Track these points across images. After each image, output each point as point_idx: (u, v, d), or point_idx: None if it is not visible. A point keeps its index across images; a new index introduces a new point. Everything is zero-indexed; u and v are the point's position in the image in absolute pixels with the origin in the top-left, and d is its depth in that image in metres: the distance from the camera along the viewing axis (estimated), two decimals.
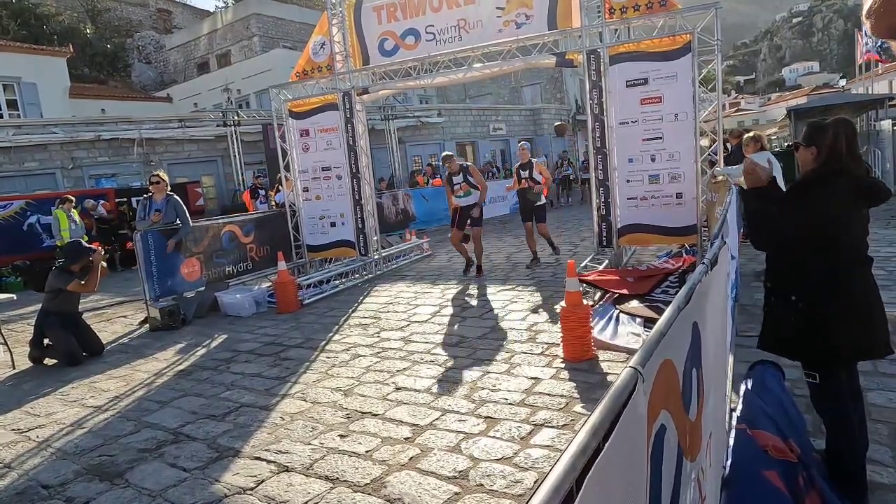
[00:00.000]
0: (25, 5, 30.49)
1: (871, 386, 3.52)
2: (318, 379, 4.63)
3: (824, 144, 2.43)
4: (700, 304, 1.48)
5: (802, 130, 2.62)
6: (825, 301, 2.39)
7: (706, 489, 1.57)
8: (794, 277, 2.48)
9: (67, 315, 5.87)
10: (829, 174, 2.41)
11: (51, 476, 3.34)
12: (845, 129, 2.46)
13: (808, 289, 2.43)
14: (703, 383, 1.54)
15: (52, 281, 5.82)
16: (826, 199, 2.38)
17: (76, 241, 6.44)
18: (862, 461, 2.49)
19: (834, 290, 2.39)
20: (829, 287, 2.39)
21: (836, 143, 2.41)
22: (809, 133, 2.53)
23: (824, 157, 2.43)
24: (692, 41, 6.21)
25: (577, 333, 4.46)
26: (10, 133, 13.86)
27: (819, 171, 2.45)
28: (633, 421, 0.84)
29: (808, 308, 2.42)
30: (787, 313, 2.48)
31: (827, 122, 2.51)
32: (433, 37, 7.85)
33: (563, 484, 0.62)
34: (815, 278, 2.41)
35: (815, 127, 2.54)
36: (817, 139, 2.46)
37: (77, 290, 5.87)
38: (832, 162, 2.41)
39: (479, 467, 2.99)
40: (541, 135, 26.02)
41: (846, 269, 2.40)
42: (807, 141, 2.51)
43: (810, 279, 2.43)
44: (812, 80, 72.73)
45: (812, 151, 2.48)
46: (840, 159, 2.40)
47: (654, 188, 6.70)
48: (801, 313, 2.43)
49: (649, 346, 1.00)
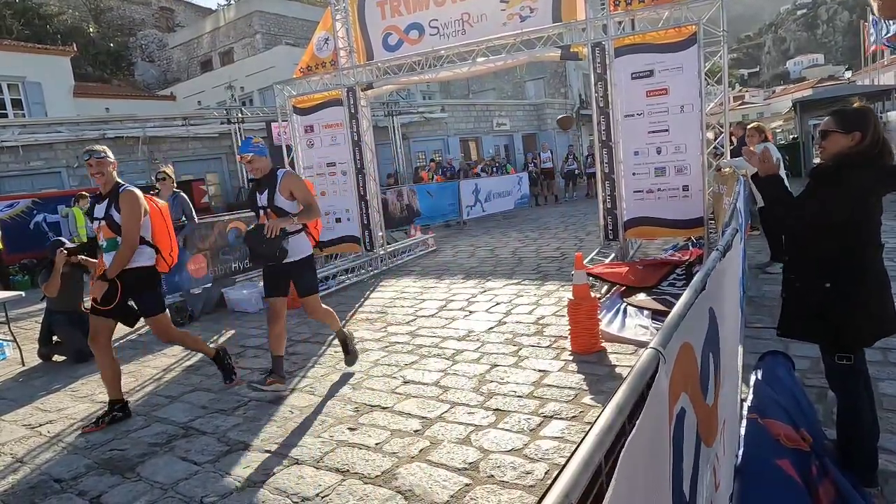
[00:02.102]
0: (29, 5, 30.55)
1: (882, 376, 3.51)
2: (326, 373, 4.64)
3: (869, 130, 2.43)
4: (715, 290, 1.47)
5: (826, 119, 2.58)
6: (853, 282, 2.40)
7: (721, 475, 1.57)
8: (820, 261, 2.48)
9: (72, 312, 5.88)
10: (869, 159, 2.41)
11: (63, 470, 3.36)
12: (875, 116, 2.52)
13: (835, 272, 2.43)
14: (720, 369, 1.54)
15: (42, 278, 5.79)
16: (864, 184, 2.38)
17: (56, 239, 6.24)
18: (874, 445, 2.50)
19: (860, 272, 2.41)
20: (856, 269, 2.41)
21: (878, 127, 2.43)
22: (849, 119, 2.50)
23: (869, 142, 2.42)
24: (698, 32, 6.18)
25: (584, 326, 4.45)
26: (15, 132, 13.91)
27: (860, 155, 2.43)
28: (657, 401, 0.83)
29: (836, 290, 2.42)
30: (814, 297, 2.48)
31: (862, 107, 2.54)
32: (437, 31, 7.83)
33: (593, 459, 0.61)
34: (843, 262, 2.43)
35: (854, 113, 2.53)
36: (861, 125, 2.44)
37: (45, 292, 5.62)
38: (874, 146, 2.41)
39: (489, 459, 2.99)
40: (544, 129, 25.96)
41: (870, 251, 2.44)
42: (847, 127, 2.47)
43: (838, 263, 2.43)
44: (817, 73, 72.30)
45: (854, 137, 2.44)
46: (881, 144, 2.42)
47: (660, 181, 6.68)
48: (829, 296, 2.43)
49: (669, 328, 1.00)
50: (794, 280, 2.59)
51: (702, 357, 1.25)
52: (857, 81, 30.55)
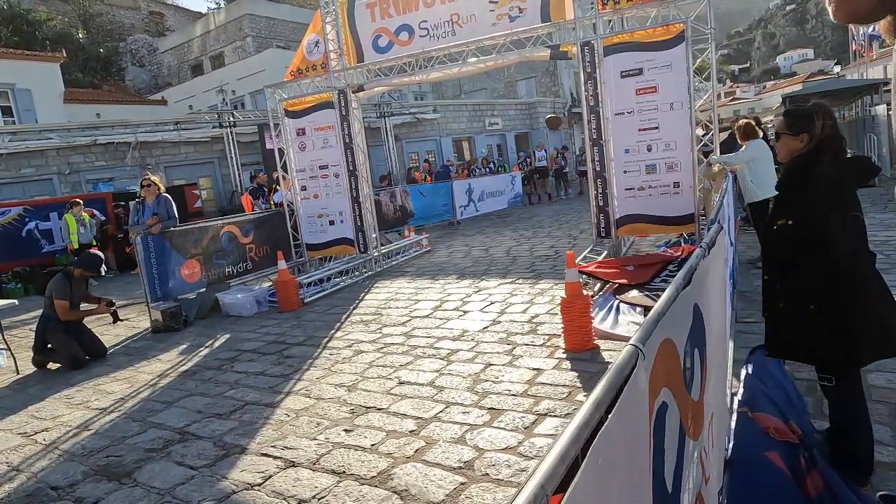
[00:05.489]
0: (17, 11, 30.41)
1: (870, 368, 3.53)
2: (321, 375, 4.66)
3: (815, 130, 2.39)
4: (699, 286, 1.50)
5: (778, 121, 2.55)
6: (838, 298, 2.29)
7: (709, 468, 1.60)
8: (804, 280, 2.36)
9: (68, 320, 5.88)
10: (820, 156, 2.39)
11: (59, 477, 3.37)
12: (825, 111, 2.44)
13: (820, 292, 2.32)
14: (706, 364, 1.57)
15: (52, 285, 5.83)
16: (829, 175, 2.32)
17: (96, 255, 6.28)
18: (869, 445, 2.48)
19: (844, 286, 2.28)
20: (837, 283, 2.29)
21: (826, 125, 2.39)
22: (795, 121, 2.46)
23: (816, 143, 2.40)
24: (686, 30, 6.22)
25: (577, 324, 4.48)
26: (6, 139, 13.84)
27: (811, 154, 2.41)
28: (635, 396, 0.86)
29: (822, 312, 2.30)
30: (804, 318, 2.36)
31: (811, 106, 2.47)
32: (427, 32, 7.86)
33: (569, 453, 0.64)
34: (828, 281, 2.30)
35: (800, 114, 2.48)
36: (807, 126, 2.41)
37: (59, 309, 5.71)
38: (826, 143, 2.38)
39: (484, 457, 3.02)
40: (537, 128, 26.04)
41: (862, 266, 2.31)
42: (794, 129, 2.44)
43: (823, 282, 2.31)
44: (807, 68, 72.66)
45: (802, 139, 2.42)
46: (830, 140, 2.38)
47: (651, 178, 6.72)
48: (814, 318, 2.32)
49: (649, 325, 1.03)
50: (775, 300, 2.48)
51: (685, 352, 1.28)
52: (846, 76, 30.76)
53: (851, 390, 2.46)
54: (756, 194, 6.22)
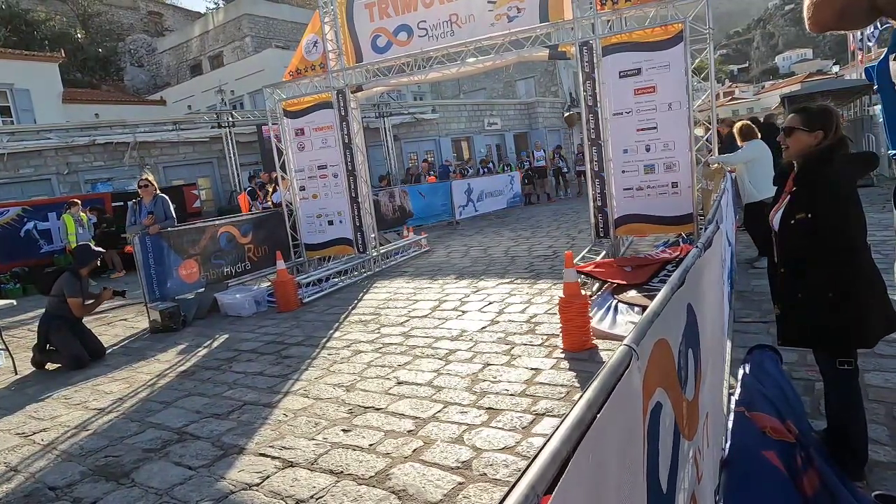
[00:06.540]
0: (16, 11, 30.37)
1: (868, 367, 3.56)
2: (319, 375, 4.66)
3: (832, 128, 2.49)
4: (694, 286, 1.50)
5: (791, 117, 2.63)
6: (854, 285, 2.42)
7: (703, 468, 1.60)
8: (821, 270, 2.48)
9: (73, 319, 5.89)
10: (831, 154, 2.47)
11: (57, 478, 3.37)
12: (837, 112, 2.59)
13: (837, 279, 2.44)
14: (700, 364, 1.57)
15: (62, 284, 5.84)
16: (840, 172, 2.44)
17: (86, 245, 6.41)
18: (865, 437, 2.57)
19: (859, 274, 2.43)
20: (854, 271, 2.43)
21: (839, 126, 2.49)
22: (813, 118, 2.55)
23: (831, 140, 2.48)
24: (684, 30, 6.23)
25: (576, 324, 4.48)
26: (4, 140, 13.83)
27: (823, 152, 2.49)
28: (628, 396, 0.86)
29: (841, 298, 2.43)
30: (818, 307, 2.48)
31: (826, 106, 2.59)
32: (425, 32, 7.86)
33: (560, 453, 0.64)
34: (843, 268, 2.44)
35: (818, 112, 2.58)
36: (825, 123, 2.50)
37: (74, 306, 5.85)
38: (836, 144, 2.47)
39: (482, 457, 3.02)
40: (535, 128, 26.04)
41: (866, 253, 2.46)
42: (811, 125, 2.53)
43: (839, 269, 2.44)
44: (805, 67, 72.74)
45: (817, 135, 2.50)
46: (841, 141, 2.49)
47: (649, 178, 6.73)
48: (833, 304, 2.44)
49: (643, 325, 1.03)
50: (794, 292, 2.58)
51: (679, 352, 1.28)
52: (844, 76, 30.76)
53: (852, 376, 2.56)
54: (754, 195, 6.23)
